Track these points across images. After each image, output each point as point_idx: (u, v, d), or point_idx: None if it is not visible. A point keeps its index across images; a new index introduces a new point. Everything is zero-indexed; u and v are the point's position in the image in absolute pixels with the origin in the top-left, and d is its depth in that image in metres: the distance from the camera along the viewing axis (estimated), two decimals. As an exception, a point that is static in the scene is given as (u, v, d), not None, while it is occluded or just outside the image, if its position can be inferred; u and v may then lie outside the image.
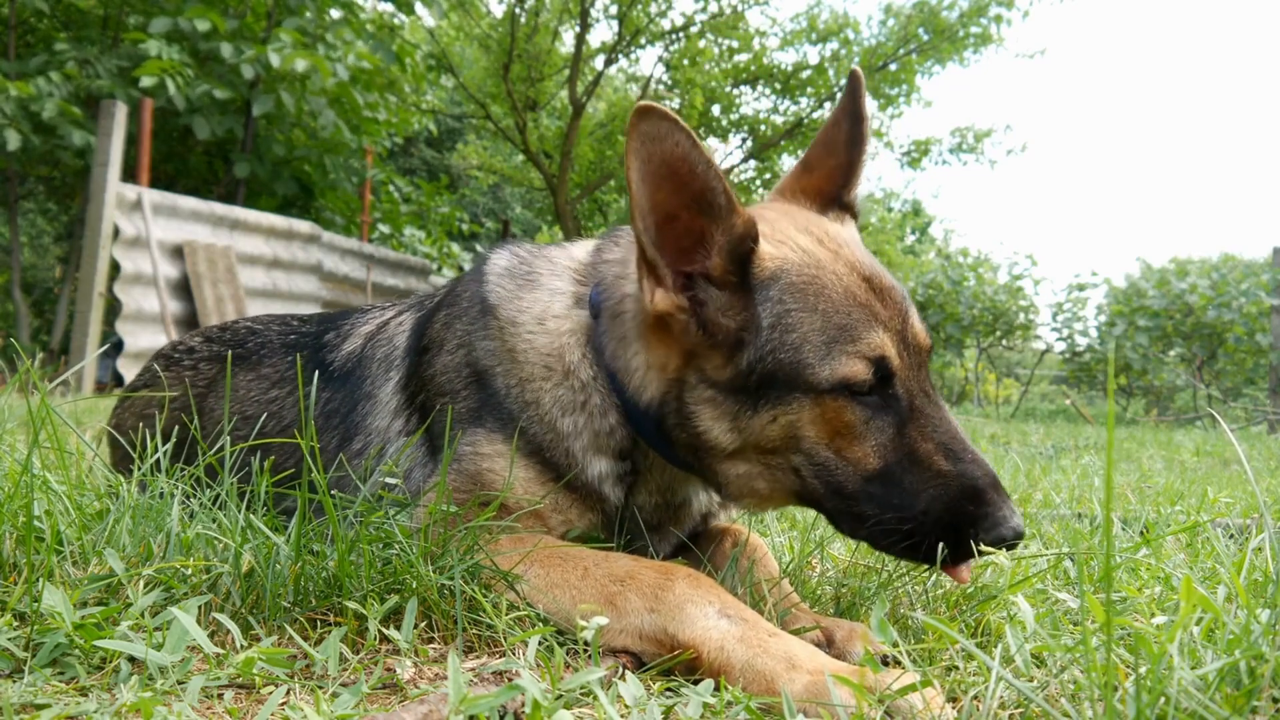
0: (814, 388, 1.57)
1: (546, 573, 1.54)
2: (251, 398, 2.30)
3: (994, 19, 16.62)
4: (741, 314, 1.61)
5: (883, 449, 1.59)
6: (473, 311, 1.92)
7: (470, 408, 1.84)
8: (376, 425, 2.01)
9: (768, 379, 1.59)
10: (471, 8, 17.22)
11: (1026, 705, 1.19)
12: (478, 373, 1.85)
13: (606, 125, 18.07)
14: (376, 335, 2.17)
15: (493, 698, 1.10)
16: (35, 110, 11.40)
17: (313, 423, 1.89)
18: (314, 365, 2.21)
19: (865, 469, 1.59)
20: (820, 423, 1.59)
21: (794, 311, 1.59)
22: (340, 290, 13.01)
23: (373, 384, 2.07)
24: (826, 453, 1.60)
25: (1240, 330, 14.47)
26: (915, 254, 32.89)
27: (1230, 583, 1.39)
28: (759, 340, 1.59)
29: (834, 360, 1.56)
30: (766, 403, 1.60)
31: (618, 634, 1.44)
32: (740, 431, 1.63)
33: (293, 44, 12.44)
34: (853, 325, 1.58)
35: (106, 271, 9.28)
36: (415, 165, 25.54)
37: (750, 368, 1.60)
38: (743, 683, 1.30)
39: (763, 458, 1.65)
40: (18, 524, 1.54)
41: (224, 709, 1.19)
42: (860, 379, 1.57)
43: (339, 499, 1.71)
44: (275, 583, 1.49)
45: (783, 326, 1.59)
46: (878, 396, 1.60)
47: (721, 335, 1.62)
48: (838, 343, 1.57)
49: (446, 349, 1.92)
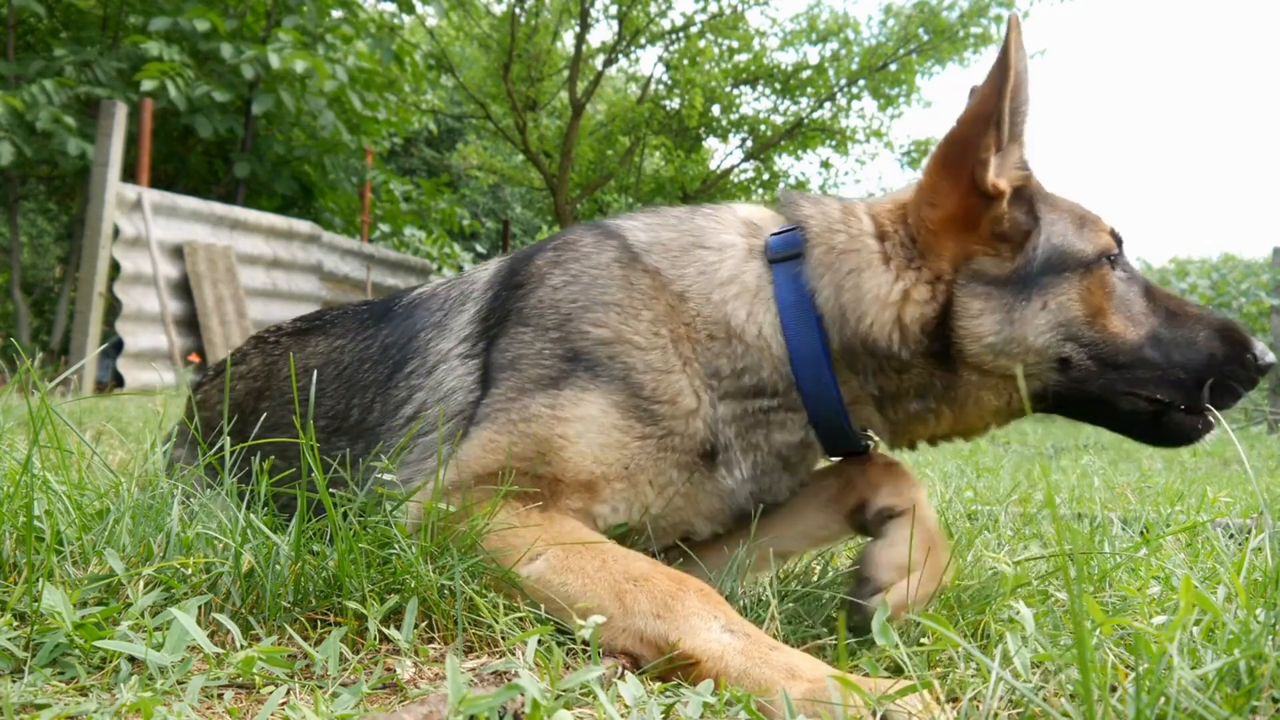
0: (1083, 261, 1.76)
1: (565, 556, 1.54)
2: (318, 352, 2.30)
3: (994, 19, 16.61)
4: (1021, 213, 1.80)
5: (1144, 313, 1.79)
6: (602, 257, 1.88)
7: (559, 356, 1.77)
8: (438, 348, 1.98)
9: (1044, 265, 1.76)
10: (471, 8, 17.21)
11: (1026, 706, 1.19)
12: (589, 322, 1.79)
13: (606, 125, 18.07)
14: (453, 280, 2.16)
15: (492, 698, 1.10)
16: (30, 120, 11.38)
17: (312, 424, 1.89)
18: (379, 314, 2.23)
19: (1135, 336, 1.76)
20: (1087, 297, 1.75)
21: (1052, 213, 1.82)
22: (341, 290, 13.01)
23: (444, 314, 2.03)
24: (1094, 332, 1.75)
25: (1240, 330, 14.45)
26: (915, 254, 32.86)
27: (1230, 583, 1.39)
28: (1039, 231, 1.78)
29: (1091, 236, 1.80)
30: (1038, 290, 1.74)
31: (619, 632, 1.44)
32: (1011, 325, 1.74)
33: (292, 44, 12.43)
34: (1086, 214, 1.85)
35: (106, 271, 9.28)
36: (415, 165, 25.53)
37: (1033, 254, 1.76)
38: (740, 691, 1.29)
39: (1024, 353, 1.74)
40: (18, 524, 1.54)
41: (224, 709, 1.19)
42: (1112, 249, 1.80)
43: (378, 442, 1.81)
44: (275, 582, 1.49)
45: (1050, 220, 1.81)
46: (1121, 269, 1.82)
47: (1014, 225, 1.79)
48: (1086, 226, 1.82)
49: (550, 283, 1.86)
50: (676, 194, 17.90)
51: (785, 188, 2.76)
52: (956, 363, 1.76)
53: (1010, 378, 1.76)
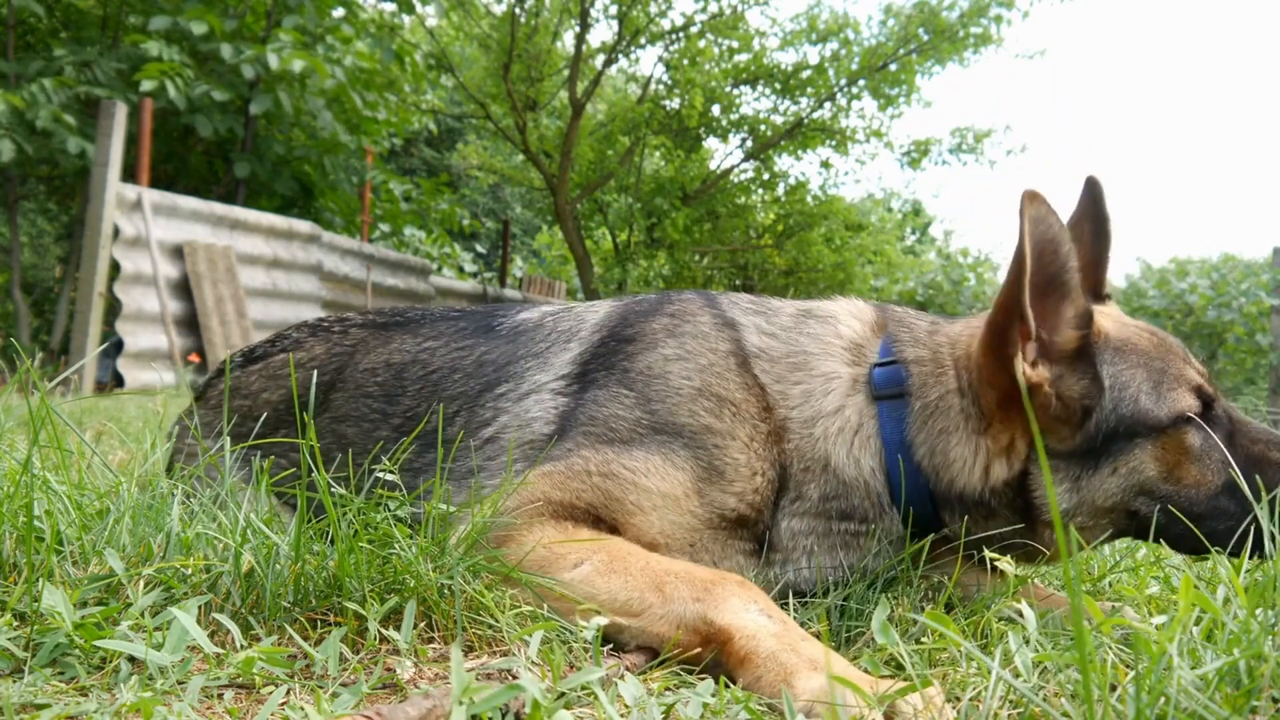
0: (1155, 429, 1.74)
1: (610, 560, 1.57)
2: (404, 349, 2.28)
3: (994, 19, 16.59)
4: (1081, 382, 1.76)
5: (1223, 464, 1.74)
6: (720, 345, 1.90)
7: (654, 427, 1.80)
8: (535, 378, 1.99)
9: (1110, 435, 1.74)
10: (471, 8, 17.20)
11: (1026, 705, 1.19)
12: (702, 408, 1.81)
13: (606, 125, 18.05)
14: (560, 313, 2.16)
15: (494, 695, 1.10)
16: (30, 118, 11.38)
17: (312, 423, 1.89)
18: (479, 328, 2.22)
19: (1211, 486, 1.74)
20: (1161, 458, 1.74)
21: (1125, 370, 1.77)
22: (341, 290, 13.00)
23: (547, 347, 2.05)
24: (1168, 486, 1.74)
25: (1240, 330, 14.47)
26: (915, 254, 32.90)
27: (1230, 583, 1.39)
28: (1103, 401, 1.74)
29: (1167, 399, 1.75)
30: (1107, 458, 1.74)
31: (658, 619, 1.47)
32: (1079, 492, 1.75)
33: (292, 44, 12.42)
34: (1167, 367, 1.79)
35: (106, 271, 9.28)
36: (415, 165, 25.53)
37: (1098, 429, 1.74)
38: (762, 672, 1.32)
39: (1093, 516, 1.77)
40: (18, 524, 1.54)
41: (224, 709, 1.19)
42: (1192, 409, 1.76)
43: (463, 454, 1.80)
44: (275, 583, 1.49)
45: (1119, 384, 1.76)
46: (1205, 420, 1.77)
47: (1069, 405, 1.75)
48: (1163, 384, 1.76)
49: (662, 352, 1.89)
50: (676, 194, 17.87)
51: (892, 310, 2.27)
52: (1035, 519, 1.80)
53: (1091, 527, 1.79)
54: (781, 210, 19.22)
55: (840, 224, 18.86)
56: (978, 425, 1.80)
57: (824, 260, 18.67)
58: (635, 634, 1.49)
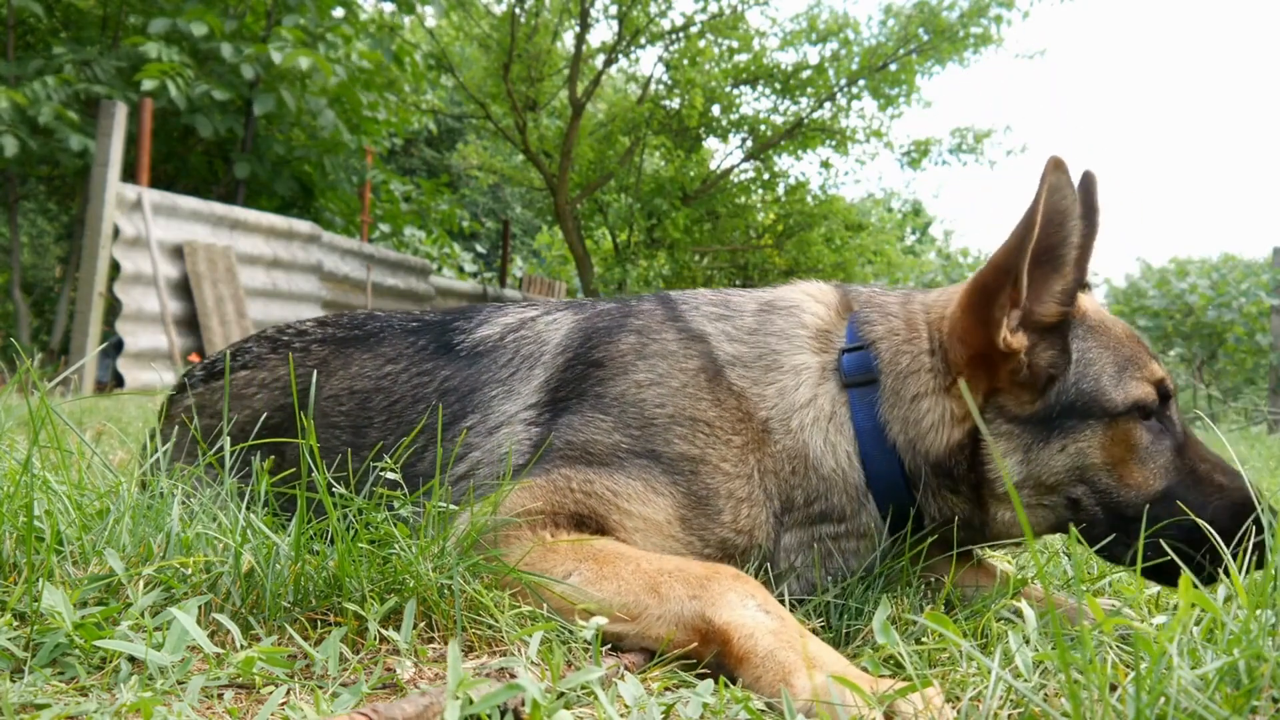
0: (1109, 412, 1.74)
1: (600, 568, 1.56)
2: (365, 374, 2.23)
3: (994, 19, 16.59)
4: (1050, 352, 1.77)
5: (1165, 470, 1.75)
6: (689, 364, 1.86)
7: (634, 452, 1.76)
8: (503, 409, 1.95)
9: (1067, 409, 1.74)
10: (471, 7, 17.20)
11: (1026, 705, 1.19)
12: (678, 436, 1.78)
13: (606, 125, 18.05)
14: (520, 330, 2.10)
15: (493, 695, 1.10)
16: (32, 115, 11.39)
17: (312, 424, 1.89)
18: (439, 347, 2.17)
19: (1150, 490, 1.74)
20: (1109, 447, 1.74)
21: (1094, 348, 1.79)
22: (341, 290, 13.00)
23: (512, 374, 2.00)
24: (1109, 479, 1.75)
25: (1240, 330, 14.48)
26: (915, 254, 32.91)
27: (1230, 583, 1.39)
28: (1069, 373, 1.76)
29: (1127, 385, 1.75)
30: (1059, 433, 1.74)
31: (656, 621, 1.47)
32: (1029, 464, 1.75)
33: (294, 42, 12.43)
34: (1136, 356, 1.80)
35: (106, 271, 9.28)
36: (415, 165, 25.52)
37: (1058, 399, 1.75)
38: (760, 671, 1.31)
39: (1037, 494, 1.77)
40: (18, 524, 1.54)
41: (224, 709, 1.19)
42: (1149, 400, 1.75)
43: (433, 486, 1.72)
44: (275, 583, 1.49)
45: (1086, 360, 1.77)
46: (1157, 420, 1.78)
47: (1036, 372, 1.77)
48: (1127, 370, 1.77)
49: (634, 378, 1.85)
50: (676, 194, 17.87)
51: (856, 291, 2.05)
52: (984, 496, 1.80)
53: (1034, 506, 1.79)
54: (781, 210, 19.22)
55: (840, 224, 18.87)
56: (943, 382, 1.81)
57: (824, 260, 18.67)
58: (635, 639, 1.49)
